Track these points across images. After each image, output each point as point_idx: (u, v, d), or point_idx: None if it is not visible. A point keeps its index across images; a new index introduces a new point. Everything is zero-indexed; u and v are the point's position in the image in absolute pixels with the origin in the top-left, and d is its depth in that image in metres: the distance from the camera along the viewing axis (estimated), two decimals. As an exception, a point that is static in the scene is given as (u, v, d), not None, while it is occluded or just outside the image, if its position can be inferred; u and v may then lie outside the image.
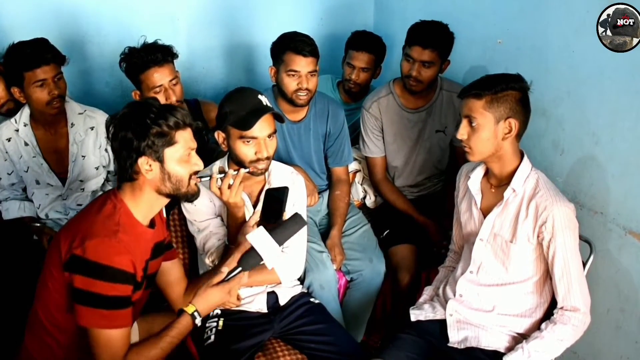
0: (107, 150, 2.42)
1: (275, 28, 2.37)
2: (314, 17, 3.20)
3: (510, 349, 1.73)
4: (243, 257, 1.63)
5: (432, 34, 2.33)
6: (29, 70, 2.16)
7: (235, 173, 1.78)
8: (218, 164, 1.95)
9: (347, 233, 2.46)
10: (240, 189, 1.79)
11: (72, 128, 2.37)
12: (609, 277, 1.96)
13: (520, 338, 1.77)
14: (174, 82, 2.27)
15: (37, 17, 2.68)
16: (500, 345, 1.78)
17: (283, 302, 2.00)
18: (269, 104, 1.85)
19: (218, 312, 1.93)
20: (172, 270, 1.75)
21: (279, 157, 2.28)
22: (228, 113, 1.81)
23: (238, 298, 1.89)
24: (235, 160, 1.85)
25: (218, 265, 1.77)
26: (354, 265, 2.35)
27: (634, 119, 1.78)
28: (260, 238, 1.60)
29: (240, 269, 1.63)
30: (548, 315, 1.75)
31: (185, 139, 1.53)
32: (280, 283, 1.98)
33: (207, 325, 1.90)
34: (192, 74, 3.03)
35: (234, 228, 1.83)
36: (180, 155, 1.52)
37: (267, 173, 1.92)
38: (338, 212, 2.44)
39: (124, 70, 2.27)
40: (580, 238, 1.77)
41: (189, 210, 1.93)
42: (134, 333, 1.70)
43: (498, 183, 1.80)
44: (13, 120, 2.33)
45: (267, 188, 1.85)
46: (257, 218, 1.74)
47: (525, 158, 1.76)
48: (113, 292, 1.45)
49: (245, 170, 1.80)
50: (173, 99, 2.24)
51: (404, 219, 2.54)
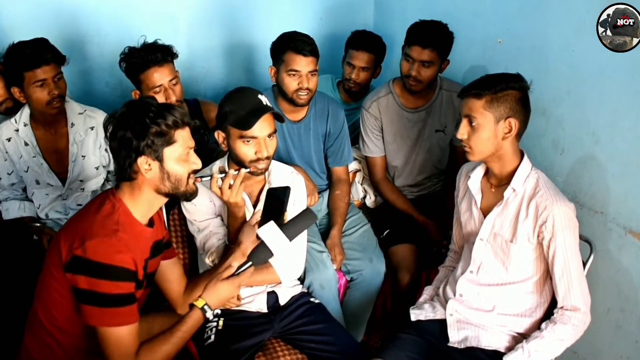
0: (107, 150, 2.42)
1: (275, 28, 2.37)
2: (314, 16, 3.20)
3: (511, 349, 1.73)
4: (253, 251, 1.64)
5: (431, 34, 2.33)
6: (29, 70, 2.16)
7: (236, 173, 1.78)
8: (218, 164, 1.95)
9: (347, 233, 2.46)
10: (241, 189, 1.79)
11: (72, 128, 2.37)
12: (609, 276, 1.96)
13: (521, 338, 1.76)
14: (174, 82, 2.27)
15: (37, 17, 2.68)
16: (501, 345, 1.78)
17: (283, 301, 2.00)
18: (269, 104, 1.85)
19: (218, 311, 1.93)
20: (171, 269, 1.75)
21: (279, 156, 2.28)
22: (228, 113, 1.81)
23: (238, 298, 1.89)
24: (235, 160, 1.85)
25: (218, 265, 1.78)
26: (354, 265, 2.35)
27: (634, 119, 1.78)
28: (271, 233, 1.61)
29: (251, 264, 1.64)
30: (548, 315, 1.75)
31: (184, 138, 1.53)
32: (281, 283, 1.98)
33: (207, 325, 1.90)
34: (192, 74, 3.03)
35: (235, 228, 1.83)
36: (179, 154, 1.52)
37: (267, 173, 1.92)
38: (338, 211, 2.44)
39: (124, 70, 2.28)
40: (581, 238, 1.77)
41: (189, 210, 1.93)
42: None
43: (498, 183, 1.80)
44: (13, 120, 2.33)
45: (269, 187, 1.85)
46: (258, 217, 1.74)
47: (526, 158, 1.76)
48: (117, 290, 1.45)
49: (246, 170, 1.80)
50: (173, 99, 2.24)
51: (404, 219, 2.54)
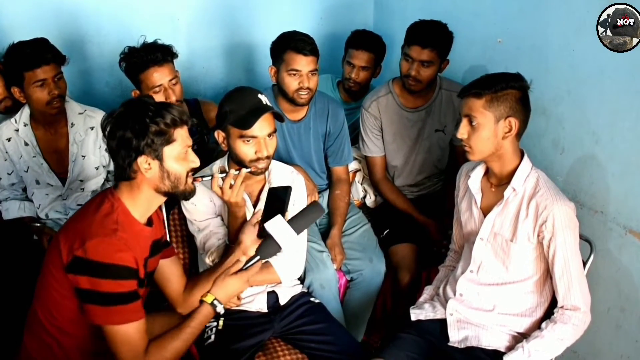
0: (107, 150, 2.42)
1: (275, 28, 2.37)
2: (314, 16, 3.20)
3: (511, 349, 1.73)
4: (261, 245, 1.65)
5: (431, 34, 2.33)
6: (29, 70, 2.16)
7: (237, 173, 1.78)
8: (218, 164, 1.95)
9: (347, 232, 2.46)
10: (242, 189, 1.79)
11: (72, 128, 2.37)
12: (609, 276, 1.96)
13: (521, 337, 1.76)
14: (174, 81, 2.27)
15: (37, 16, 2.68)
16: (501, 345, 1.78)
17: (283, 301, 2.00)
18: (269, 103, 1.85)
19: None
20: (170, 268, 1.75)
21: (279, 156, 2.28)
22: (228, 112, 1.81)
23: (238, 297, 1.89)
24: (236, 160, 1.85)
25: (218, 263, 1.78)
26: (354, 265, 2.35)
27: (634, 119, 1.78)
28: (279, 227, 1.61)
29: (259, 258, 1.65)
30: (548, 315, 1.75)
31: (183, 137, 1.53)
32: (281, 283, 1.98)
33: (207, 325, 1.89)
34: (191, 74, 3.03)
35: (235, 227, 1.83)
36: (178, 153, 1.53)
37: (267, 172, 1.92)
38: (338, 211, 2.44)
39: (124, 70, 2.28)
40: (581, 237, 1.77)
41: (189, 210, 1.93)
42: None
43: (498, 182, 1.80)
44: (13, 120, 2.33)
45: (270, 187, 1.85)
46: (259, 217, 1.74)
47: (526, 157, 1.76)
48: (120, 288, 1.45)
49: (247, 170, 1.80)
50: (173, 99, 2.24)
51: (404, 219, 2.54)
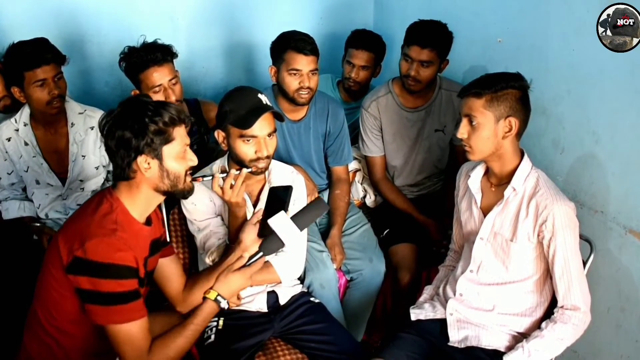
0: (105, 150, 2.42)
1: (275, 27, 2.37)
2: (314, 16, 3.20)
3: (511, 348, 1.73)
4: (264, 242, 1.65)
5: (430, 34, 2.32)
6: (29, 70, 2.16)
7: (238, 173, 1.78)
8: (218, 163, 1.95)
9: (347, 232, 2.46)
10: (243, 189, 1.79)
11: (72, 128, 2.37)
12: (609, 276, 1.95)
13: (521, 337, 1.76)
14: (174, 81, 2.27)
15: (36, 16, 2.68)
16: (501, 345, 1.78)
17: (283, 301, 2.00)
18: (269, 103, 1.85)
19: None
20: (169, 267, 1.75)
21: (279, 156, 2.28)
22: (228, 112, 1.81)
23: (238, 297, 1.89)
24: (236, 160, 1.85)
25: (218, 262, 1.78)
26: (354, 265, 2.35)
27: (634, 118, 1.78)
28: (282, 223, 1.61)
29: (262, 254, 1.65)
30: (548, 315, 1.75)
31: (181, 135, 1.54)
32: (281, 282, 1.98)
33: (207, 325, 1.90)
34: (191, 74, 3.02)
35: (235, 227, 1.83)
36: (177, 152, 1.53)
37: (267, 172, 1.92)
38: (338, 211, 2.43)
39: (124, 70, 2.27)
40: (581, 237, 1.77)
41: (189, 210, 1.93)
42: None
43: (498, 182, 1.80)
44: (13, 120, 2.33)
45: (271, 186, 1.85)
46: (259, 216, 1.74)
47: (526, 157, 1.76)
48: (120, 288, 1.45)
49: (248, 170, 1.80)
50: (172, 99, 2.24)
51: (404, 218, 2.54)
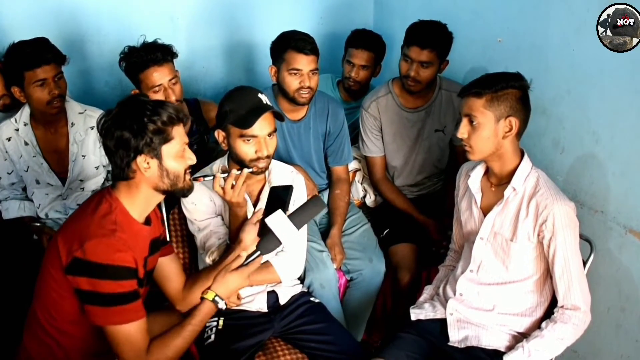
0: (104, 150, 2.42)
1: (275, 27, 2.37)
2: (314, 16, 3.20)
3: (511, 348, 1.73)
4: (262, 241, 1.65)
5: (430, 34, 2.32)
6: (30, 70, 2.16)
7: (239, 173, 1.78)
8: (218, 163, 1.95)
9: (347, 232, 2.46)
10: (244, 189, 1.79)
11: (72, 127, 2.37)
12: (610, 275, 1.95)
13: (521, 337, 1.76)
14: (174, 81, 2.27)
15: (36, 16, 2.68)
16: (501, 345, 1.78)
17: (283, 301, 2.00)
18: (269, 103, 1.85)
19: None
20: (169, 266, 1.75)
21: (279, 156, 2.28)
22: (228, 112, 1.81)
23: (238, 297, 1.89)
24: (236, 159, 1.85)
25: (218, 261, 1.77)
26: (354, 265, 2.35)
27: (634, 118, 1.78)
28: (279, 221, 1.61)
29: (259, 253, 1.65)
30: (548, 314, 1.75)
31: (180, 134, 1.53)
32: (281, 282, 1.98)
33: (207, 325, 1.89)
34: (191, 73, 3.02)
35: (236, 227, 1.83)
36: (177, 151, 1.53)
37: (267, 172, 1.92)
38: (338, 211, 2.44)
39: (124, 70, 2.27)
40: (581, 237, 1.77)
41: (189, 210, 1.93)
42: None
43: (498, 182, 1.80)
44: (13, 120, 2.33)
45: (272, 185, 1.85)
46: (259, 216, 1.74)
47: (526, 157, 1.76)
48: (120, 289, 1.45)
49: (249, 170, 1.80)
50: (172, 99, 2.24)
51: (404, 218, 2.54)
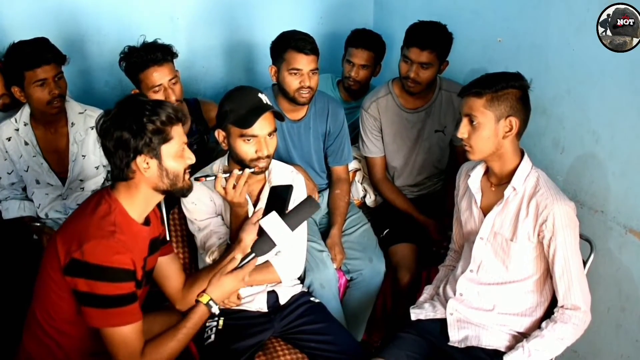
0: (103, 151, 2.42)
1: (275, 27, 2.37)
2: (314, 16, 3.20)
3: (511, 348, 1.73)
4: (256, 243, 1.65)
5: (430, 35, 2.31)
6: (30, 70, 2.16)
7: (241, 173, 1.78)
8: (218, 163, 1.95)
9: (347, 232, 2.46)
10: (245, 189, 1.79)
11: (72, 127, 2.37)
12: (610, 275, 1.95)
13: (521, 337, 1.76)
14: (174, 81, 2.27)
15: (36, 16, 2.68)
16: (501, 344, 1.78)
17: (283, 301, 2.00)
18: (269, 103, 1.85)
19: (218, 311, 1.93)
20: (168, 265, 1.75)
21: (279, 156, 2.28)
22: (228, 111, 1.81)
23: (238, 297, 1.89)
24: (236, 159, 1.85)
25: (218, 261, 1.77)
26: (354, 265, 2.35)
27: (634, 118, 1.78)
28: (273, 223, 1.61)
29: (254, 255, 1.64)
30: (548, 314, 1.75)
31: (179, 134, 1.53)
32: (281, 282, 1.98)
33: (207, 325, 1.90)
34: (191, 73, 3.02)
35: (237, 227, 1.83)
36: (176, 151, 1.53)
37: (267, 172, 1.92)
38: (338, 211, 2.44)
39: (124, 70, 2.28)
40: (581, 237, 1.77)
41: (190, 210, 1.93)
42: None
43: (498, 182, 1.80)
44: (13, 120, 2.33)
45: (272, 185, 1.85)
46: (259, 215, 1.74)
47: (526, 157, 1.76)
48: (117, 291, 1.45)
49: (250, 170, 1.80)
50: (172, 99, 2.24)
51: (404, 218, 2.54)
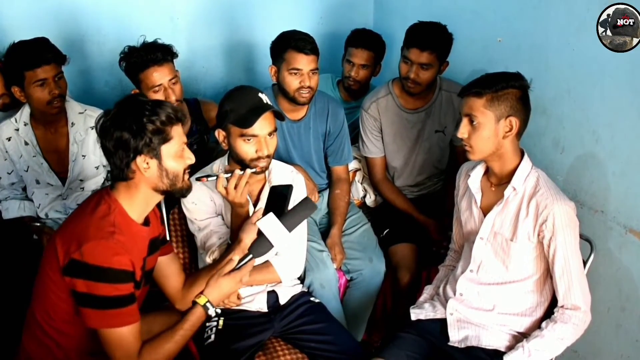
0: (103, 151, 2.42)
1: (275, 27, 2.37)
2: (314, 16, 3.20)
3: (511, 348, 1.73)
4: (253, 244, 1.64)
5: (430, 36, 2.31)
6: (30, 70, 2.16)
7: (242, 173, 1.78)
8: (218, 163, 1.95)
9: (347, 232, 2.46)
10: (246, 189, 1.79)
11: (72, 127, 2.37)
12: (610, 275, 1.95)
13: (521, 337, 1.76)
14: (174, 81, 2.27)
15: (36, 16, 2.68)
16: (501, 344, 1.78)
17: (283, 301, 2.00)
18: (269, 102, 1.85)
19: (218, 311, 1.93)
20: (168, 265, 1.75)
21: (279, 156, 2.28)
22: (228, 111, 1.81)
23: (238, 297, 1.89)
24: (236, 159, 1.85)
25: (217, 262, 1.77)
26: (354, 265, 2.35)
27: (634, 117, 1.78)
28: (270, 224, 1.61)
29: (251, 257, 1.64)
30: (548, 314, 1.75)
31: (179, 134, 1.53)
32: (281, 282, 1.98)
33: (207, 325, 1.90)
34: (191, 73, 3.03)
35: (238, 227, 1.83)
36: (176, 151, 1.53)
37: (267, 172, 1.92)
38: (338, 211, 2.44)
39: (124, 70, 2.28)
40: (581, 237, 1.77)
41: (190, 209, 1.93)
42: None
43: (498, 182, 1.80)
44: (13, 120, 2.33)
45: (272, 185, 1.85)
46: (259, 215, 1.74)
47: (526, 156, 1.76)
48: (116, 292, 1.45)
49: (252, 170, 1.80)
50: (172, 99, 2.24)
51: (404, 218, 2.54)
